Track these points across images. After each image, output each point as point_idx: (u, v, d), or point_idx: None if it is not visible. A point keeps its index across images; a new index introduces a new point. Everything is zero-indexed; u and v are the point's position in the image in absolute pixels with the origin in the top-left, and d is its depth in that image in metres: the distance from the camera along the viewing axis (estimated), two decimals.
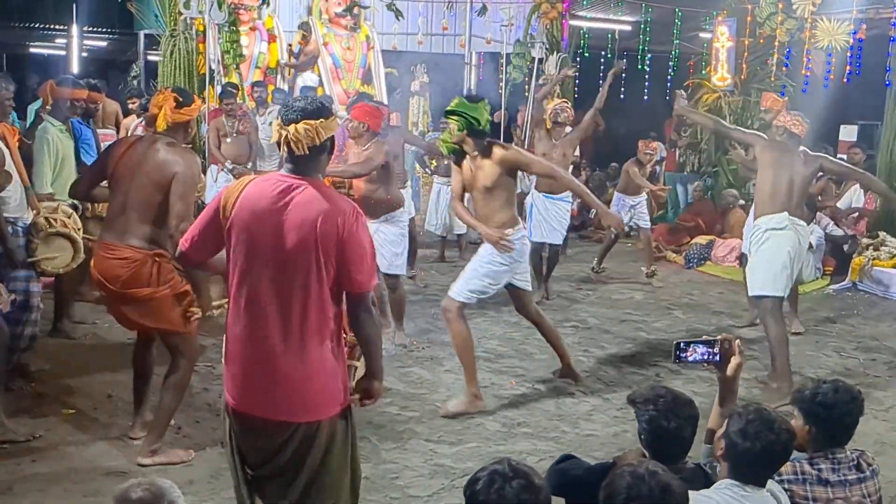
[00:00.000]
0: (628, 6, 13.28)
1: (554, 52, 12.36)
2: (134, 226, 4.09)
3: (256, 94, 9.73)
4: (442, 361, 6.02)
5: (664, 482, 2.21)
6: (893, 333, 7.26)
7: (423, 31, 12.48)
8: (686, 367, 5.72)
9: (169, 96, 4.19)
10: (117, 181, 4.16)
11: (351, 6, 11.48)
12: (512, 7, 12.51)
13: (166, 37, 9.23)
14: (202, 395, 5.13)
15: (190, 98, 4.27)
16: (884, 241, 8.86)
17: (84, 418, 4.74)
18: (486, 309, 7.54)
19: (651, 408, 2.81)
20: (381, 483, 4.15)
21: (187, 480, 4.07)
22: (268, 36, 10.78)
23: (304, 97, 2.94)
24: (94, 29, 15.81)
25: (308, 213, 2.71)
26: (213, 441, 4.44)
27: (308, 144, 2.76)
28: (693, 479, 2.75)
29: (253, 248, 2.76)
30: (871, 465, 2.95)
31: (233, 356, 2.86)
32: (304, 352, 2.77)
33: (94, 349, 5.93)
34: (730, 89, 11.19)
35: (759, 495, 2.58)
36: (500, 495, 2.08)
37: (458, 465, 4.35)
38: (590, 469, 2.92)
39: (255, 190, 2.79)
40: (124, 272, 4.06)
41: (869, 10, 10.01)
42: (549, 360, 6.06)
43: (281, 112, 2.85)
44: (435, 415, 5.04)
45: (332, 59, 11.60)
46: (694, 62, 12.90)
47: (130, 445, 4.39)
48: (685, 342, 2.99)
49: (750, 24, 11.00)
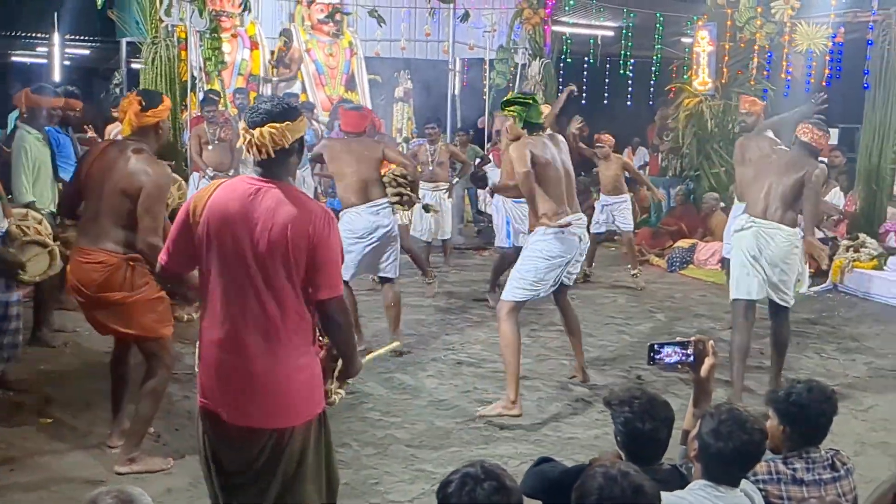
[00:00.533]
0: (610, 12, 13.35)
1: (537, 57, 12.42)
2: (108, 230, 4.06)
3: (238, 101, 9.73)
4: (425, 366, 6.02)
5: (636, 483, 2.21)
6: (873, 334, 7.31)
7: (406, 37, 12.51)
8: (663, 369, 5.73)
9: (133, 100, 4.12)
10: (90, 187, 4.13)
11: (333, 13, 11.51)
12: (494, 13, 12.55)
13: (148, 44, 9.21)
14: (182, 402, 5.10)
15: (156, 100, 4.18)
16: (863, 242, 8.93)
17: (62, 427, 4.71)
18: (469, 313, 7.56)
19: (626, 409, 2.81)
20: (362, 489, 4.14)
21: (166, 489, 4.05)
22: (250, 43, 10.78)
23: (272, 98, 2.88)
24: (76, 37, 15.74)
25: (278, 217, 2.68)
26: (192, 449, 4.40)
27: (273, 148, 2.72)
28: (669, 480, 2.75)
29: (223, 252, 2.72)
30: (845, 465, 2.97)
31: (206, 361, 2.83)
32: (277, 357, 2.74)
33: (73, 358, 5.89)
34: (711, 93, 11.26)
35: (733, 495, 2.59)
36: (472, 497, 2.08)
37: (438, 469, 4.34)
38: (567, 471, 2.92)
39: (224, 194, 2.76)
40: (98, 276, 4.04)
41: (847, 14, 10.09)
42: (532, 364, 6.07)
43: (246, 115, 2.82)
44: (416, 420, 5.03)
45: (315, 65, 11.63)
46: (676, 67, 12.96)
47: (108, 454, 4.35)
48: (659, 344, 3.00)
49: (730, 28, 11.08)
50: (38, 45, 17.30)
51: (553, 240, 5.11)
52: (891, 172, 9.90)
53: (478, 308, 7.67)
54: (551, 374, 5.94)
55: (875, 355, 6.68)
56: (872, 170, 9.85)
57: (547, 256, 5.11)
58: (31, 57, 18.52)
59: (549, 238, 5.11)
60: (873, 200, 9.82)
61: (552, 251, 5.10)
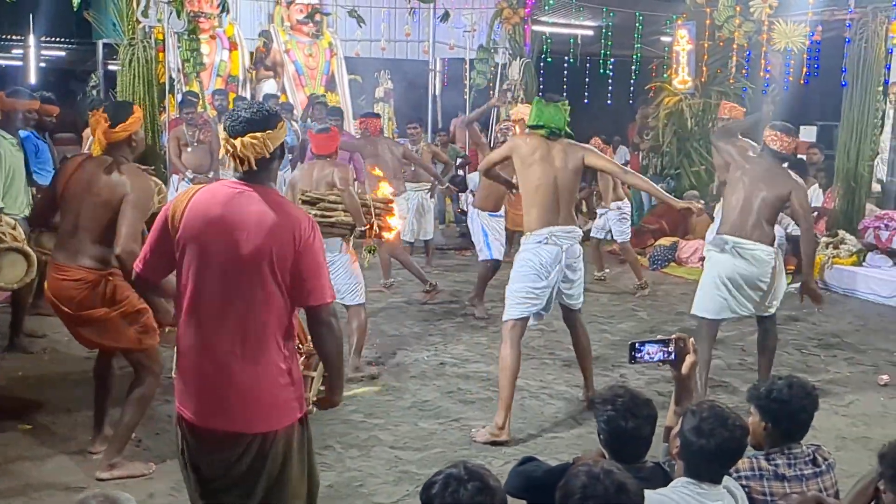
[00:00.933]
0: (590, 11, 13.38)
1: (517, 57, 12.44)
2: (86, 246, 4.00)
3: (217, 103, 9.67)
4: (408, 368, 6.00)
5: (619, 481, 2.21)
6: (853, 330, 7.37)
7: (386, 37, 12.49)
8: (645, 367, 5.76)
9: (100, 118, 4.01)
10: (67, 201, 4.07)
11: (313, 13, 11.47)
12: (474, 13, 12.56)
13: (125, 46, 9.11)
14: (163, 406, 5.04)
15: (124, 113, 4.07)
16: (843, 239, 9.00)
17: (42, 433, 4.65)
18: (452, 314, 7.55)
19: (609, 408, 2.82)
20: (346, 491, 4.12)
21: (148, 494, 4.02)
22: (229, 44, 10.72)
23: (251, 105, 2.81)
24: (52, 39, 15.59)
25: (261, 223, 2.65)
26: (174, 453, 4.29)
27: (255, 158, 2.68)
28: (652, 478, 2.76)
29: (204, 258, 2.69)
30: (826, 460, 2.99)
31: (185, 367, 2.80)
32: (258, 362, 2.71)
33: (52, 364, 5.83)
34: (690, 92, 11.32)
35: (716, 492, 2.60)
36: (456, 498, 2.07)
37: (422, 471, 4.32)
38: (550, 470, 2.92)
39: (205, 198, 2.72)
40: (77, 294, 3.99)
41: (824, 12, 10.18)
42: None
43: (225, 122, 2.76)
44: (400, 421, 5.02)
45: (295, 66, 11.59)
46: (655, 66, 13.02)
47: (90, 460, 4.31)
48: (640, 342, 3.00)
49: (709, 27, 11.15)
50: (13, 48, 17.13)
51: (533, 249, 4.90)
52: (869, 169, 10.00)
53: (461, 308, 7.66)
54: (534, 373, 5.94)
55: (855, 351, 6.74)
56: (851, 167, 9.94)
57: (530, 266, 4.88)
58: (6, 59, 18.33)
59: (529, 248, 4.93)
60: (852, 197, 9.91)
61: (533, 260, 4.87)
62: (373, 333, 6.44)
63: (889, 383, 5.92)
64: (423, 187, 9.08)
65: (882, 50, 9.65)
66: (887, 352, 6.71)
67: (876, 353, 6.66)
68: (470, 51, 12.42)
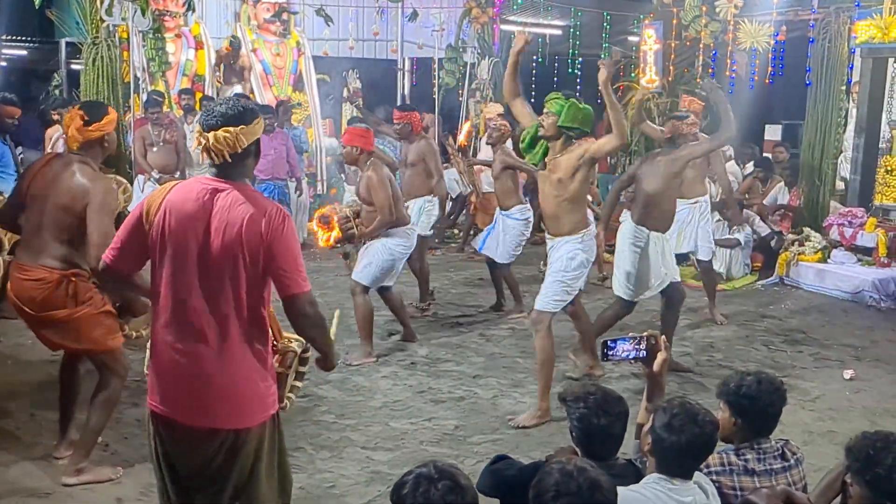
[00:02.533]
0: (558, 10, 13.43)
1: (486, 56, 12.44)
2: (48, 246, 3.94)
3: (184, 102, 9.55)
4: (378, 367, 5.98)
5: (592, 478, 2.22)
6: (818, 325, 7.47)
7: (355, 36, 12.42)
8: (616, 364, 5.79)
9: (75, 115, 3.98)
10: (32, 200, 4.00)
11: (280, 12, 11.37)
12: (443, 12, 12.53)
13: (88, 45, 8.99)
14: (131, 410, 4.98)
15: (99, 113, 4.03)
16: (808, 236, 9.11)
17: (6, 438, 4.57)
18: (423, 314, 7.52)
19: (581, 405, 2.83)
20: (317, 493, 4.10)
21: (115, 498, 3.97)
22: (195, 43, 10.59)
23: (227, 101, 2.84)
24: (13, 38, 15.23)
25: (233, 217, 2.66)
26: (142, 457, 4.31)
27: (228, 152, 2.69)
28: (624, 474, 2.78)
29: (178, 253, 2.70)
30: (795, 454, 3.02)
31: (159, 363, 2.79)
32: (232, 357, 2.72)
33: (15, 367, 5.72)
34: (658, 91, 11.40)
35: (687, 487, 2.62)
36: (427, 498, 2.07)
37: (394, 471, 4.30)
38: (523, 469, 2.92)
39: (180, 195, 2.73)
40: (38, 294, 3.92)
41: (788, 13, 10.30)
42: (486, 362, 6.08)
43: (201, 117, 2.77)
44: (371, 422, 4.99)
45: (263, 65, 11.47)
46: (623, 65, 13.09)
47: (55, 465, 4.24)
48: (612, 340, 3.03)
49: (676, 26, 11.23)
50: None
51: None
52: (833, 167, 10.15)
53: (432, 308, 7.63)
54: (505, 372, 5.95)
55: (820, 346, 6.83)
56: (815, 165, 10.07)
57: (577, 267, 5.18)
58: None
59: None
60: (816, 195, 10.05)
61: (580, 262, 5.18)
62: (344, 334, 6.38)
63: (854, 378, 6.01)
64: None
65: (845, 50, 9.79)
66: (852, 347, 6.81)
67: (841, 349, 6.75)
68: (439, 50, 12.40)
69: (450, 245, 10.73)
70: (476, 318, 7.32)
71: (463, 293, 8.29)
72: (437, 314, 7.48)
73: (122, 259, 2.84)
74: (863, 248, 8.92)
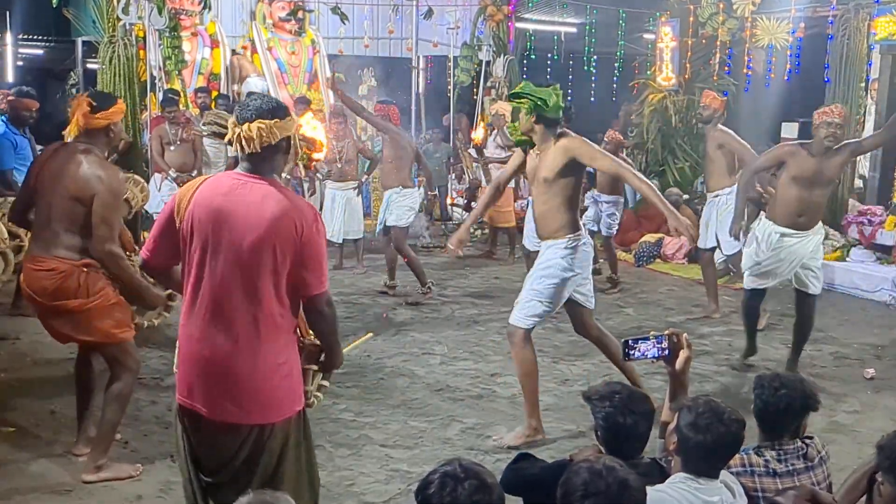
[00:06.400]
0: (573, 8, 13.38)
1: (501, 54, 12.41)
2: (60, 236, 3.93)
3: (200, 101, 9.57)
4: (396, 365, 5.96)
5: (621, 477, 2.19)
6: (837, 324, 7.40)
7: (369, 34, 12.42)
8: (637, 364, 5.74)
9: (82, 101, 3.96)
10: (41, 192, 4.00)
11: (295, 10, 11.39)
12: (458, 10, 12.52)
13: (105, 43, 8.99)
14: (150, 407, 4.99)
15: (107, 102, 4.03)
16: (826, 234, 9.02)
17: (26, 436, 4.58)
18: (438, 312, 7.52)
19: (607, 404, 2.80)
20: (337, 490, 4.09)
21: (136, 496, 3.97)
22: (210, 41, 10.61)
23: (262, 95, 2.90)
24: (30, 36, 15.35)
25: (264, 212, 2.67)
26: (161, 454, 4.32)
27: (260, 144, 2.70)
28: (648, 473, 2.74)
29: (208, 247, 2.71)
30: (819, 453, 2.98)
31: (186, 357, 2.80)
32: (259, 352, 2.72)
33: (35, 364, 5.74)
34: (674, 89, 11.33)
35: (713, 487, 2.58)
36: (454, 497, 2.03)
37: (414, 468, 4.30)
38: (546, 467, 2.90)
39: (210, 189, 2.74)
40: (51, 284, 3.92)
41: (807, 9, 10.21)
42: (504, 361, 6.06)
43: (236, 110, 2.80)
44: (390, 420, 4.98)
45: (278, 63, 11.50)
46: (639, 63, 13.03)
47: (74, 462, 4.24)
48: (633, 339, 3.00)
49: (692, 24, 11.15)
50: None
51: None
52: (851, 165, 10.04)
53: (446, 306, 7.63)
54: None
55: (840, 345, 6.77)
56: None
57: (560, 276, 4.70)
58: None
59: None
60: (835, 193, 9.95)
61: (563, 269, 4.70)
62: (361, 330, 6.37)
63: (875, 376, 5.95)
64: (349, 186, 8.96)
65: (864, 46, 9.69)
66: (872, 346, 6.75)
67: (861, 348, 6.69)
68: (454, 48, 12.37)
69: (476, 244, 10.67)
70: (493, 317, 7.29)
71: (480, 291, 8.28)
72: (455, 313, 7.46)
73: (158, 254, 2.89)
74: (882, 246, 8.84)
